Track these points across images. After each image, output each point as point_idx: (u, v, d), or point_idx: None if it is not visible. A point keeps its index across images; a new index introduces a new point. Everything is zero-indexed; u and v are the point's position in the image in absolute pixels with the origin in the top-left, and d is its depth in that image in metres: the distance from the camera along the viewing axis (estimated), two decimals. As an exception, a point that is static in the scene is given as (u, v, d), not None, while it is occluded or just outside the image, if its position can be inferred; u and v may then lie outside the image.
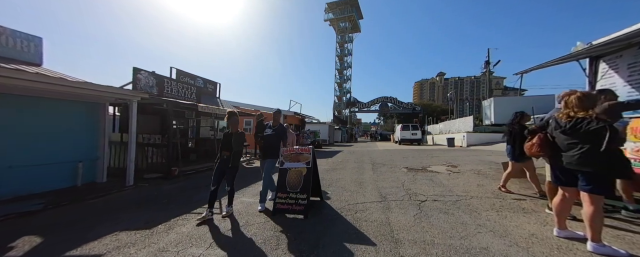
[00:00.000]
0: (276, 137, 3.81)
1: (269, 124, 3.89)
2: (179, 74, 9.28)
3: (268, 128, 3.84)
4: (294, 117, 17.54)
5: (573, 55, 3.98)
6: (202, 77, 10.85)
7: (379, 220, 3.03)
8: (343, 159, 9.99)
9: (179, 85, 7.71)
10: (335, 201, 3.92)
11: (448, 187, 4.61)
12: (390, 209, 3.44)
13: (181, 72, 9.46)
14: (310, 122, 25.02)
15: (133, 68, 6.02)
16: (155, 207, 3.80)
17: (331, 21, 46.95)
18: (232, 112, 3.51)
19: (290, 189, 3.46)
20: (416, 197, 4.04)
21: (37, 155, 4.38)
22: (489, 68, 26.73)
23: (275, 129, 3.84)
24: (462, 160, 8.33)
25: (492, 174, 5.70)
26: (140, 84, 6.18)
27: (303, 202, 3.29)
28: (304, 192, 3.37)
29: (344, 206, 3.65)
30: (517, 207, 3.39)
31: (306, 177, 3.49)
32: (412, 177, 5.74)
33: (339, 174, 6.39)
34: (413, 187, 4.72)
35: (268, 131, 3.81)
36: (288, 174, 3.58)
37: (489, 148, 12.47)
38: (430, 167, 7.04)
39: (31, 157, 4.31)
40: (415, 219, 3.02)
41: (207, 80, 11.18)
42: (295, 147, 3.85)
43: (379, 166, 7.75)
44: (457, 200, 3.79)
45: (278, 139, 3.83)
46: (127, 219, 3.28)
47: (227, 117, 3.43)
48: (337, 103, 45.97)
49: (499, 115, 19.94)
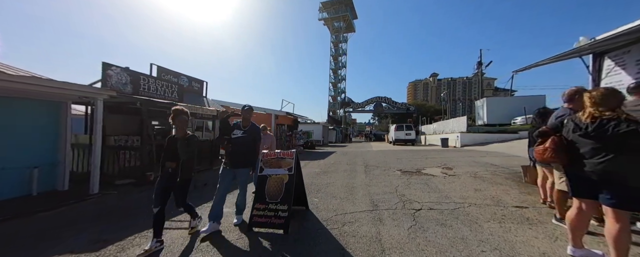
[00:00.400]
0: (248, 141, 3.07)
1: (238, 124, 3.15)
2: (160, 71, 8.73)
3: (237, 129, 3.10)
4: (286, 117, 17.07)
5: (576, 51, 3.71)
6: (187, 75, 10.31)
7: (369, 235, 2.65)
8: (335, 161, 9.62)
9: (158, 83, 7.18)
10: (322, 210, 3.53)
11: (444, 193, 4.28)
12: (382, 221, 3.07)
13: (163, 70, 8.91)
14: (305, 122, 24.60)
15: (102, 63, 5.46)
16: (114, 221, 3.32)
17: (325, 21, 46.62)
18: (179, 109, 2.63)
19: (269, 199, 3.05)
20: (410, 204, 3.69)
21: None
22: (481, 68, 26.93)
23: (246, 130, 3.11)
24: (457, 161, 8.07)
25: (489, 177, 5.42)
26: (111, 81, 5.63)
27: (283, 215, 2.89)
28: (285, 203, 2.96)
29: (331, 217, 3.26)
30: (521, 217, 3.07)
31: (288, 185, 3.08)
32: (406, 181, 5.40)
33: (330, 178, 6.01)
34: (407, 192, 4.38)
35: (237, 133, 3.06)
36: (268, 182, 3.17)
37: (483, 149, 12.33)
38: (425, 170, 6.74)
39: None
40: (409, 234, 2.65)
41: (193, 79, 10.64)
42: (277, 151, 3.44)
43: (372, 168, 7.40)
44: (454, 208, 3.46)
45: (251, 142, 3.11)
46: (73, 237, 2.80)
47: (172, 116, 2.60)
48: (331, 103, 45.66)
49: (492, 116, 20.00)
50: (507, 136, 14.75)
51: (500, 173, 5.84)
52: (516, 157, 8.65)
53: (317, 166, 8.39)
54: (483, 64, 26.98)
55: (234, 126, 3.11)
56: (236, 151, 3.00)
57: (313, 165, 8.60)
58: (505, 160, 7.97)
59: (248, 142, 3.08)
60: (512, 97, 25.20)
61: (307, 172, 7.03)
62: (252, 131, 3.16)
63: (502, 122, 18.53)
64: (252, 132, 3.14)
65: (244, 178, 3.09)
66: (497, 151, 10.67)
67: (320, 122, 29.00)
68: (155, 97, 6.74)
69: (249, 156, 3.09)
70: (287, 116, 17.18)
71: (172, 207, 2.82)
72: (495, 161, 7.89)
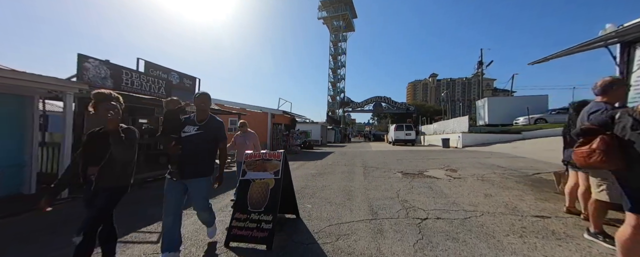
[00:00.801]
0: (204, 140, 2.24)
1: (191, 118, 2.31)
2: (149, 66, 8.26)
3: (189, 125, 2.25)
4: (283, 116, 16.63)
5: (602, 39, 3.28)
6: (179, 71, 9.85)
7: (368, 253, 2.22)
8: (333, 162, 9.19)
9: (143, 78, 6.72)
10: (314, 219, 3.10)
11: (451, 199, 3.86)
12: (382, 233, 2.64)
13: (151, 65, 8.44)
14: (303, 121, 24.15)
15: (78, 55, 4.98)
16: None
17: (325, 19, 46.20)
18: (103, 93, 1.85)
19: (252, 207, 2.61)
20: (415, 212, 3.27)
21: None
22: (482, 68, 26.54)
23: (202, 125, 2.26)
24: (461, 163, 7.66)
25: (498, 181, 5.00)
26: (89, 75, 5.18)
27: (267, 227, 2.45)
28: (269, 213, 2.53)
29: (324, 228, 2.83)
30: (544, 229, 2.65)
31: (273, 191, 2.65)
32: (409, 184, 4.98)
33: (326, 180, 5.58)
34: (410, 198, 3.95)
35: (189, 130, 2.22)
36: (251, 188, 2.73)
37: (487, 149, 11.92)
38: (428, 172, 6.32)
39: None
40: (415, 251, 2.23)
41: (184, 75, 10.17)
42: (263, 152, 3.01)
43: (371, 170, 6.98)
44: (465, 218, 3.03)
45: (210, 142, 2.29)
46: (17, 253, 2.35)
47: (93, 104, 1.83)
48: (330, 103, 45.23)
49: (494, 116, 19.61)
50: (510, 136, 14.36)
51: (509, 176, 5.42)
52: (522, 158, 8.25)
53: (314, 166, 7.96)
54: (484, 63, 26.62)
55: (185, 121, 2.28)
56: (188, 155, 2.17)
57: (309, 166, 8.18)
58: (511, 161, 7.56)
59: (204, 142, 2.25)
60: (514, 97, 24.85)
61: (303, 173, 6.61)
62: (212, 126, 2.30)
63: (504, 122, 18.14)
64: (211, 128, 2.29)
65: (199, 193, 2.24)
66: (501, 152, 10.27)
67: (319, 121, 28.59)
68: (140, 93, 6.28)
69: (206, 162, 2.28)
70: (284, 115, 16.73)
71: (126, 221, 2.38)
72: (501, 162, 7.49)
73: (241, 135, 4.19)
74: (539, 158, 7.82)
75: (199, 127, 2.25)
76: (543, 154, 8.42)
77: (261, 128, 14.25)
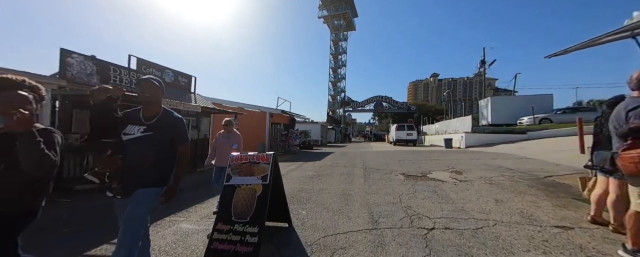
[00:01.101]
0: (154, 143, 1.63)
1: (135, 115, 1.70)
2: (141, 63, 7.99)
3: (132, 124, 1.65)
4: (281, 115, 16.34)
5: (628, 28, 2.95)
6: (174, 69, 9.58)
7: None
8: (332, 163, 8.88)
9: (133, 75, 6.44)
10: (308, 229, 2.79)
11: (459, 205, 3.53)
12: (384, 246, 2.33)
13: (144, 62, 8.17)
14: (303, 121, 23.86)
15: (60, 50, 4.67)
16: (43, 244, 2.57)
17: (325, 18, 45.87)
18: (4, 78, 1.25)
19: (236, 217, 2.30)
20: (420, 221, 2.95)
21: None
22: (485, 67, 26.13)
23: (152, 124, 1.66)
24: (466, 164, 7.32)
25: (508, 185, 4.67)
26: (72, 71, 4.89)
27: (252, 240, 2.14)
28: (255, 224, 2.22)
29: (319, 239, 2.52)
30: (569, 243, 2.32)
31: (260, 199, 2.34)
32: (411, 187, 4.66)
33: (324, 183, 5.27)
34: (414, 203, 3.63)
35: (134, 131, 1.62)
36: (236, 195, 2.42)
37: (491, 150, 11.57)
38: (431, 174, 5.99)
39: None
40: (423, 271, 1.91)
41: (180, 73, 9.90)
42: (250, 154, 2.70)
43: (371, 171, 6.66)
44: (477, 228, 2.71)
45: (164, 146, 1.68)
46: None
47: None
48: (331, 102, 44.91)
49: (497, 115, 19.20)
50: (515, 136, 13.98)
51: (519, 179, 5.09)
52: (530, 159, 7.90)
53: (312, 168, 7.65)
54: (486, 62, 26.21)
55: (127, 119, 1.67)
56: (132, 167, 1.60)
57: (307, 167, 7.87)
58: (519, 163, 7.22)
59: (156, 147, 1.63)
60: (518, 96, 24.41)
61: (300, 175, 6.30)
62: (166, 124, 1.69)
63: (508, 122, 17.72)
64: (164, 126, 1.68)
65: (137, 208, 1.55)
66: (507, 153, 9.92)
67: (319, 121, 28.29)
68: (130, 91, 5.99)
69: (160, 171, 1.67)
70: (282, 115, 16.44)
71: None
72: (509, 164, 7.14)
73: (224, 135, 3.64)
74: (547, 159, 7.47)
75: (147, 126, 1.63)
76: (551, 155, 8.07)
77: (259, 128, 13.96)
